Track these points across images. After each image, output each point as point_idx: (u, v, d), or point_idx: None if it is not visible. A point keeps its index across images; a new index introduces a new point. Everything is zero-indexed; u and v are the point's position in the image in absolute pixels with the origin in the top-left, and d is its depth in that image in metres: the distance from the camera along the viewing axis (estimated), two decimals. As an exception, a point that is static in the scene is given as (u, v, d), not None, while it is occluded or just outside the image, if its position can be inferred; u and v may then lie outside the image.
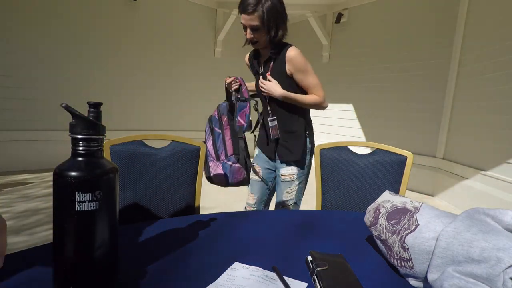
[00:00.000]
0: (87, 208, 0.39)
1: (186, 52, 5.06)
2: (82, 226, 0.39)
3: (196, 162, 1.18)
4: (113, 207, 0.43)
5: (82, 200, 0.38)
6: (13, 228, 2.17)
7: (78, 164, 0.40)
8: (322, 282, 0.50)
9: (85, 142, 0.40)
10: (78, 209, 0.38)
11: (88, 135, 0.40)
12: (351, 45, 4.74)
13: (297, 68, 1.30)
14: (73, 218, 0.39)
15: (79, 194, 0.38)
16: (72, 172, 0.38)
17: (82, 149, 0.40)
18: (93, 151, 0.41)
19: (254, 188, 1.53)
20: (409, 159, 1.21)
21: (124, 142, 1.08)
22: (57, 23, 3.86)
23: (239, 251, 0.64)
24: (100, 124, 0.42)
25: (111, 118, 4.33)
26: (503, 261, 0.40)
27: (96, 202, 0.39)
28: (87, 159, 0.41)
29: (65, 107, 0.39)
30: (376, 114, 4.45)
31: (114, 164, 0.44)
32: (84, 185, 0.39)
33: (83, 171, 0.39)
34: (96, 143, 0.41)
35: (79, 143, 0.40)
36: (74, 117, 0.40)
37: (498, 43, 2.96)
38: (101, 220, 0.41)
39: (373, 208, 0.69)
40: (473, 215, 0.50)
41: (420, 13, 3.89)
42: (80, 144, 0.40)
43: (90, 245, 0.41)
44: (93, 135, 0.41)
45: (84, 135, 0.40)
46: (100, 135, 0.42)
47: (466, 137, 3.37)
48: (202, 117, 5.42)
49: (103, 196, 0.40)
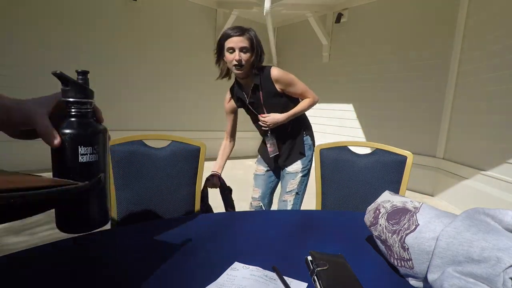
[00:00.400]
0: (89, 159, 0.45)
1: (186, 52, 5.06)
2: (85, 175, 0.45)
3: (196, 162, 1.18)
4: (106, 159, 0.50)
5: (84, 153, 0.44)
6: (13, 228, 2.17)
7: (77, 124, 0.45)
8: (322, 282, 0.50)
9: (79, 105, 0.46)
10: (81, 160, 0.44)
11: (83, 99, 0.46)
12: (351, 45, 4.74)
13: (285, 84, 1.42)
14: (76, 169, 0.44)
15: (82, 148, 0.44)
16: (73, 130, 0.44)
17: (77, 111, 0.46)
18: (86, 112, 0.46)
19: (258, 182, 1.62)
20: (409, 159, 1.21)
21: (124, 142, 1.08)
22: (57, 22, 3.86)
23: (239, 251, 0.64)
24: (90, 89, 0.48)
25: (111, 118, 4.32)
26: (503, 261, 0.40)
27: (96, 155, 0.46)
28: (82, 120, 0.46)
29: (59, 74, 0.43)
30: (376, 114, 4.45)
31: (103, 125, 0.51)
32: (86, 140, 0.45)
33: (83, 129, 0.45)
34: (90, 105, 0.47)
35: (74, 105, 0.45)
36: (69, 84, 0.45)
37: (498, 43, 2.96)
38: (100, 169, 0.47)
39: (373, 208, 0.69)
40: (473, 215, 0.50)
41: (420, 13, 3.89)
42: (76, 106, 0.45)
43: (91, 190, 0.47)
44: (87, 98, 0.46)
45: (77, 98, 0.45)
46: (91, 98, 0.48)
47: (466, 137, 3.37)
48: (202, 117, 5.42)
49: (100, 150, 0.47)
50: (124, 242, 0.66)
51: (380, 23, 4.35)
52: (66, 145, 0.44)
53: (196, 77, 5.25)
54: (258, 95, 1.43)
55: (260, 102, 1.45)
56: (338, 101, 4.96)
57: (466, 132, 3.37)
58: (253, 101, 1.46)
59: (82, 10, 4.03)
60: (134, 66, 4.56)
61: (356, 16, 4.65)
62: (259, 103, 1.45)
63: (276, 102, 1.44)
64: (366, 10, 4.51)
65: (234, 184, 1.61)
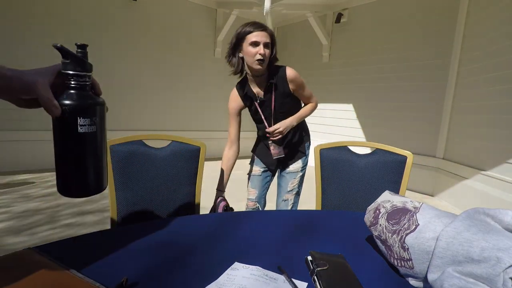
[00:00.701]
0: (88, 130, 0.46)
1: (186, 52, 5.06)
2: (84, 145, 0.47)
3: (196, 162, 1.18)
4: (104, 131, 0.51)
5: (83, 124, 0.46)
6: (13, 228, 2.17)
7: (76, 95, 0.46)
8: (322, 282, 0.50)
9: (78, 77, 0.46)
10: (80, 131, 0.46)
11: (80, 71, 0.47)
12: (351, 45, 4.74)
13: (298, 85, 1.41)
14: (76, 138, 0.46)
15: (81, 119, 0.45)
16: (73, 101, 0.45)
17: (76, 83, 0.46)
18: (85, 85, 0.47)
19: (254, 183, 1.57)
20: (409, 159, 1.21)
21: (124, 142, 1.08)
22: (57, 22, 3.86)
23: (239, 251, 0.64)
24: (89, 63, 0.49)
25: (111, 118, 4.33)
26: (503, 261, 0.40)
27: (94, 126, 0.47)
28: (81, 92, 0.47)
29: (60, 47, 0.44)
30: (376, 114, 4.45)
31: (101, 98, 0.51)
32: (85, 111, 0.46)
33: (82, 100, 0.46)
34: (88, 78, 0.48)
35: (73, 78, 0.46)
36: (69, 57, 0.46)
37: (498, 43, 2.96)
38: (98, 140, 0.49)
39: (373, 208, 0.69)
40: (473, 215, 0.50)
41: (420, 13, 3.89)
42: (75, 79, 0.46)
43: (90, 158, 0.49)
44: (83, 71, 0.47)
45: (77, 71, 0.46)
46: (90, 72, 0.49)
47: (466, 137, 3.37)
48: (202, 117, 5.42)
49: (98, 121, 0.48)
50: (124, 242, 0.66)
51: (380, 23, 4.35)
52: (66, 116, 0.45)
53: (196, 77, 5.25)
54: (271, 94, 1.41)
55: (270, 102, 1.41)
56: (338, 101, 4.95)
57: (466, 132, 3.37)
58: (264, 100, 1.42)
59: (82, 10, 4.04)
60: (134, 66, 4.56)
61: (356, 16, 4.65)
62: (268, 103, 1.42)
63: (286, 102, 1.43)
64: (366, 10, 4.51)
65: (233, 184, 1.61)
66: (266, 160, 1.55)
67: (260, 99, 1.42)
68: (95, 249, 0.62)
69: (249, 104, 1.46)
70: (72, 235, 2.10)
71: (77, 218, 2.43)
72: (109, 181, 1.05)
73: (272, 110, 1.43)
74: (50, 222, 2.31)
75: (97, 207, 2.72)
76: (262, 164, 1.57)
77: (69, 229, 2.23)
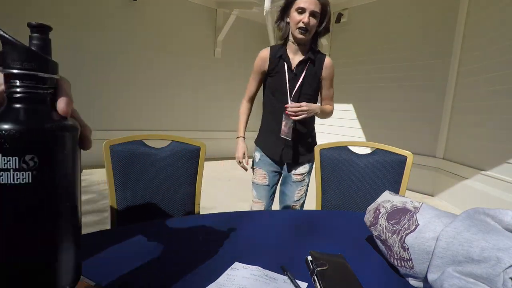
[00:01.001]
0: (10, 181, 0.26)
1: (186, 52, 5.06)
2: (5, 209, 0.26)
3: (196, 162, 1.18)
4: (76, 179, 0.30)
5: (3, 168, 0.25)
6: (13, 228, 2.17)
7: (23, 113, 0.27)
8: (322, 282, 0.50)
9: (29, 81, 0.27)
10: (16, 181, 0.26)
11: (37, 71, 0.27)
12: (351, 45, 4.74)
13: (330, 76, 1.38)
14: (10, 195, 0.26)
15: (27, 156, 0.26)
16: (16, 125, 0.26)
17: (26, 92, 0.27)
18: (41, 96, 0.28)
19: (261, 194, 1.44)
20: (409, 159, 1.21)
21: (124, 142, 1.08)
22: (57, 22, 3.86)
23: (239, 251, 0.64)
24: (48, 58, 0.29)
25: (112, 118, 4.33)
26: (503, 261, 0.40)
27: (28, 173, 0.26)
28: (34, 106, 0.28)
29: None
30: (376, 114, 4.45)
31: (73, 121, 0.30)
32: (10, 143, 0.25)
33: (35, 122, 0.27)
34: (49, 84, 0.29)
35: (23, 82, 0.27)
36: (12, 46, 0.27)
37: (498, 43, 2.96)
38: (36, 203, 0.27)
39: (373, 208, 0.69)
40: (473, 215, 0.50)
41: (420, 13, 3.89)
42: (25, 83, 0.27)
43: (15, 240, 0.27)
44: (47, 71, 0.28)
45: (22, 69, 0.27)
46: (49, 72, 0.29)
47: (466, 137, 3.37)
48: (202, 117, 5.42)
49: (40, 164, 0.27)
50: (124, 242, 0.66)
51: (380, 23, 4.35)
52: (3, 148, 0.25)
53: (196, 77, 5.25)
54: (303, 69, 1.32)
55: (299, 76, 1.33)
56: (338, 101, 4.95)
57: (466, 132, 3.37)
58: (295, 73, 1.33)
59: (82, 10, 4.04)
60: (134, 66, 4.56)
61: (356, 16, 4.65)
62: (297, 78, 1.33)
63: (313, 87, 1.36)
64: (366, 10, 4.51)
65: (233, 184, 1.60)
66: (270, 149, 1.42)
67: (293, 68, 1.33)
68: (95, 249, 0.62)
69: (275, 70, 1.35)
70: (72, 235, 2.09)
71: (77, 218, 2.43)
72: (109, 181, 1.05)
73: (297, 86, 1.33)
74: (50, 222, 2.31)
75: (97, 207, 2.72)
76: (267, 161, 1.43)
77: (69, 229, 2.22)
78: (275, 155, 1.42)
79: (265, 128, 1.45)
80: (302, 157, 1.42)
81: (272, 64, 1.35)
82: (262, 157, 1.45)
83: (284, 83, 1.34)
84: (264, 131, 1.46)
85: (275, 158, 1.42)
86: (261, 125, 1.49)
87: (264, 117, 1.46)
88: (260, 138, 1.48)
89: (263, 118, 1.47)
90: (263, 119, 1.47)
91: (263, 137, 1.46)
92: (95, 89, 4.21)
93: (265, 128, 1.45)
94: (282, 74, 1.34)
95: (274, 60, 1.35)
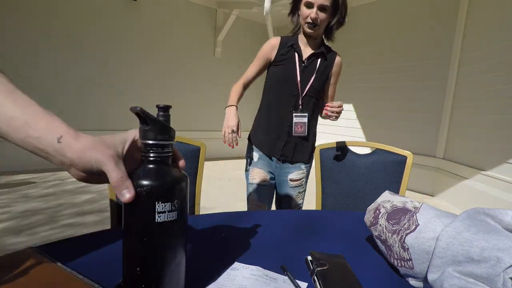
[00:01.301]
0: (167, 218, 0.36)
1: (186, 52, 5.06)
2: (161, 239, 0.37)
3: (196, 162, 1.18)
4: (186, 217, 0.41)
5: (162, 211, 0.36)
6: (13, 228, 2.17)
7: (154, 172, 0.37)
8: (322, 282, 0.50)
9: (159, 148, 0.38)
10: (158, 220, 0.36)
11: (163, 141, 0.38)
12: (351, 45, 4.74)
13: (338, 73, 1.36)
14: (152, 230, 0.36)
15: (159, 204, 0.36)
16: (149, 181, 0.36)
17: (157, 156, 0.38)
18: (166, 157, 0.39)
19: (263, 195, 1.36)
20: (409, 159, 1.21)
21: (124, 142, 1.08)
22: (57, 23, 3.86)
23: (239, 251, 0.64)
24: (172, 128, 0.40)
25: (111, 118, 4.33)
26: (503, 261, 0.40)
27: (175, 212, 0.37)
28: (160, 166, 0.38)
29: (139, 111, 0.36)
30: (376, 114, 4.45)
31: (183, 172, 0.42)
32: (164, 194, 0.36)
33: (161, 180, 0.37)
34: (169, 148, 0.39)
35: (153, 149, 0.38)
36: (149, 122, 0.37)
37: (498, 43, 2.96)
38: (179, 231, 0.39)
39: (373, 208, 0.69)
40: (473, 215, 0.50)
41: (420, 13, 3.89)
42: (154, 150, 0.38)
43: (170, 258, 0.39)
44: (167, 140, 0.39)
45: (159, 140, 0.38)
46: (172, 140, 0.40)
47: (466, 137, 3.37)
48: (202, 117, 5.42)
49: (180, 205, 0.38)
50: (124, 242, 0.66)
51: (380, 23, 4.35)
52: (141, 200, 0.35)
53: (196, 77, 5.25)
54: (314, 62, 1.27)
55: (311, 70, 1.27)
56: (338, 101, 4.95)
57: (466, 132, 3.37)
58: (305, 65, 1.27)
59: (83, 10, 4.04)
60: (134, 66, 4.56)
61: (356, 16, 4.65)
62: (307, 71, 1.26)
63: (321, 83, 1.31)
64: (366, 10, 4.51)
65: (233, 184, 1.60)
66: (270, 147, 1.33)
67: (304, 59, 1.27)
68: (95, 249, 0.62)
69: (284, 58, 1.28)
70: (72, 235, 2.10)
71: (77, 218, 2.43)
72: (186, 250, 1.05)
73: (311, 80, 1.28)
74: (50, 222, 2.31)
75: (97, 207, 2.72)
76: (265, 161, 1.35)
77: (69, 229, 2.23)
78: (275, 153, 1.34)
79: (264, 124, 1.35)
80: (303, 156, 1.35)
81: (280, 52, 1.29)
82: (261, 157, 1.37)
83: (294, 74, 1.27)
84: (262, 127, 1.36)
85: (275, 156, 1.34)
86: (257, 121, 1.40)
87: (264, 112, 1.36)
88: (257, 135, 1.38)
89: (261, 113, 1.38)
90: (261, 114, 1.38)
91: (262, 133, 1.36)
92: (95, 89, 4.21)
93: (264, 123, 1.35)
94: (292, 64, 1.27)
95: (284, 49, 1.28)
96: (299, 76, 1.27)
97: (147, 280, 0.38)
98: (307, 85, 1.28)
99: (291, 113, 1.29)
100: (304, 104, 1.29)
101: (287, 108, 1.30)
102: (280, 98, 1.30)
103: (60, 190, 3.13)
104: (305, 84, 1.28)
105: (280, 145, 1.32)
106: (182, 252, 0.41)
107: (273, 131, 1.33)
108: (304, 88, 1.28)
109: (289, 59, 1.28)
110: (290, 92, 1.28)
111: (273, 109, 1.33)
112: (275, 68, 1.31)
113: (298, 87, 1.27)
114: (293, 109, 1.29)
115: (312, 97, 1.30)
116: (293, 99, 1.29)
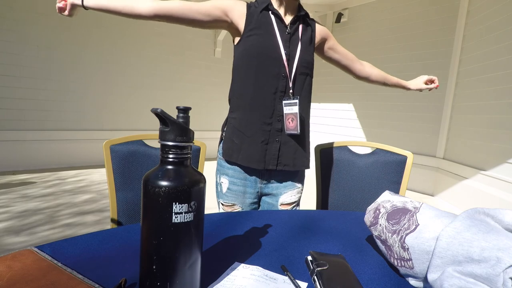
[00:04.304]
0: (184, 219, 0.37)
1: (186, 52, 5.06)
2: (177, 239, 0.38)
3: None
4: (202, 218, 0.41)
5: (179, 212, 0.37)
6: (13, 228, 2.17)
7: (172, 173, 0.38)
8: (322, 282, 0.50)
9: (178, 149, 0.39)
10: (174, 221, 0.37)
11: (182, 142, 0.39)
12: (351, 45, 4.73)
13: (331, 36, 1.10)
14: (169, 230, 0.37)
15: (176, 205, 0.37)
16: (167, 182, 0.37)
17: (175, 157, 0.39)
18: (184, 158, 0.40)
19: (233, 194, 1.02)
20: (409, 159, 1.21)
21: (124, 142, 1.08)
22: (57, 23, 3.86)
23: (239, 251, 0.64)
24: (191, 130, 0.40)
25: (111, 118, 4.33)
26: (503, 261, 0.40)
27: (192, 213, 0.38)
28: (179, 167, 0.39)
29: (160, 112, 0.37)
30: (376, 114, 4.45)
31: (201, 173, 0.42)
32: (182, 195, 0.37)
33: (179, 181, 0.38)
34: (188, 150, 0.40)
35: (172, 150, 0.39)
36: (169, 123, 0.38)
37: (498, 43, 2.96)
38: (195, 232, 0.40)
39: (373, 208, 0.69)
40: (473, 215, 0.50)
41: (420, 13, 3.89)
42: (173, 151, 0.39)
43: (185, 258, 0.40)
44: (186, 141, 0.39)
45: (178, 142, 0.38)
46: (191, 141, 0.40)
47: (466, 137, 3.37)
48: (202, 117, 5.42)
49: (196, 207, 0.39)
50: (124, 242, 0.66)
51: (380, 23, 4.35)
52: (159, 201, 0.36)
53: (196, 77, 5.25)
54: (296, 29, 0.96)
55: (295, 42, 0.95)
56: (338, 101, 4.95)
57: (466, 132, 3.37)
58: (289, 33, 0.95)
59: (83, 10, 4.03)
60: (134, 66, 4.56)
61: (356, 16, 4.65)
62: (293, 43, 0.95)
63: (310, 52, 1.00)
64: (366, 10, 4.51)
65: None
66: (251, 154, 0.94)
67: (287, 25, 0.96)
68: (95, 249, 0.62)
69: (255, 29, 0.93)
70: (72, 235, 2.10)
71: (77, 218, 2.43)
72: (109, 181, 1.05)
73: (298, 51, 0.95)
74: (50, 222, 2.32)
75: (97, 207, 2.72)
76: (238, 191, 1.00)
77: (69, 229, 2.23)
78: (262, 164, 0.95)
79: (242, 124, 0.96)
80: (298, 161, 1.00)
81: (250, 20, 0.93)
82: (234, 182, 0.98)
83: (276, 45, 0.92)
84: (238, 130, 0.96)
85: (258, 167, 0.95)
86: (230, 124, 1.00)
87: (239, 108, 0.97)
88: (232, 144, 0.97)
89: (234, 112, 0.99)
90: (235, 114, 0.99)
91: (239, 140, 0.96)
92: (94, 88, 4.21)
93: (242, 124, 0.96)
94: (269, 33, 0.93)
95: (254, 17, 0.94)
96: (283, 47, 0.93)
97: (162, 278, 0.38)
98: (295, 58, 0.94)
99: (280, 102, 0.93)
100: (297, 86, 0.96)
101: (273, 94, 0.93)
102: (260, 81, 0.93)
103: (59, 190, 3.13)
104: (292, 58, 0.94)
105: (273, 150, 0.95)
106: (198, 253, 0.41)
107: (258, 133, 0.94)
108: (292, 63, 0.94)
109: (263, 26, 0.93)
110: (274, 71, 0.93)
111: (253, 100, 0.94)
112: (245, 42, 0.94)
113: (285, 63, 0.93)
114: (282, 95, 0.94)
115: (306, 74, 0.98)
116: (280, 80, 0.93)
